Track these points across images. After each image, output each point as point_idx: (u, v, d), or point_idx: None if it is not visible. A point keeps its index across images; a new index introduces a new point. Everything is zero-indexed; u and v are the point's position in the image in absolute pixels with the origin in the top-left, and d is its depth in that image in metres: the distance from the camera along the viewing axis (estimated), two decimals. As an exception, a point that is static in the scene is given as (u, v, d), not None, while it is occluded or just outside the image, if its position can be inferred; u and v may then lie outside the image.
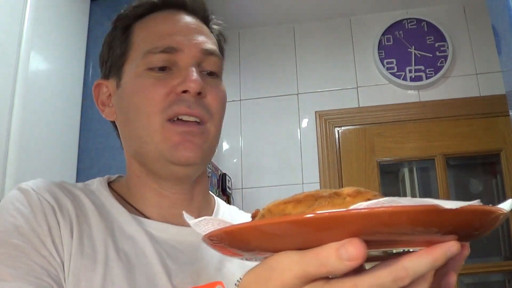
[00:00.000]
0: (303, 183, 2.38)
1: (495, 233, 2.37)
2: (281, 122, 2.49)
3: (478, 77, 2.38)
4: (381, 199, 0.29)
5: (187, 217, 0.38)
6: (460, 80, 2.39)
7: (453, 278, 0.36)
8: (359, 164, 2.36)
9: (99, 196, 0.65)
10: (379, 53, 2.47)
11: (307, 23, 2.60)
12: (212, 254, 0.63)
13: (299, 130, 2.47)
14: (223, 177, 2.20)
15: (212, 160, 2.08)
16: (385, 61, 2.46)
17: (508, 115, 1.25)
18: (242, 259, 0.39)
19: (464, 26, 2.46)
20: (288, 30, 2.62)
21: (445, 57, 2.41)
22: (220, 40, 0.71)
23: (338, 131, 2.43)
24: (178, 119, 0.61)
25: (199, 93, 0.62)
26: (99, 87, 0.70)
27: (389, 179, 2.57)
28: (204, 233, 0.36)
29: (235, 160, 2.49)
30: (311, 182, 2.36)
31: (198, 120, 0.62)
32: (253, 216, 0.38)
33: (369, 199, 0.31)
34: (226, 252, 0.37)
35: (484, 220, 0.31)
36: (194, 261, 0.62)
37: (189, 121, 0.62)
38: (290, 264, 0.31)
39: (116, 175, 0.73)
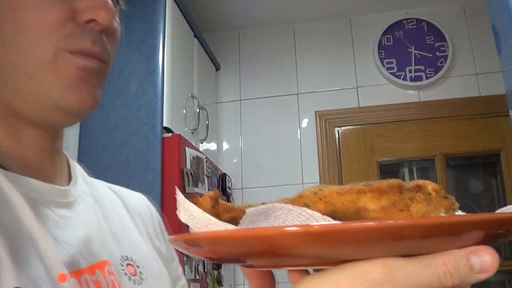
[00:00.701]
0: (303, 183, 2.38)
1: (495, 233, 2.37)
2: (281, 122, 2.49)
3: (478, 77, 2.38)
4: None
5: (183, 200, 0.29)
6: (460, 80, 2.39)
7: None
8: (359, 164, 2.36)
9: None
10: (379, 53, 2.47)
11: (307, 23, 2.60)
12: (88, 223, 0.51)
13: (299, 130, 2.47)
14: (223, 177, 2.20)
15: (212, 160, 2.08)
16: (385, 61, 2.46)
17: (508, 115, 1.25)
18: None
19: (464, 26, 2.46)
20: (288, 30, 2.62)
21: (445, 57, 2.41)
22: None
23: (338, 131, 2.43)
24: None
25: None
26: None
27: (389, 179, 2.57)
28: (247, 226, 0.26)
29: (235, 160, 2.49)
30: (311, 182, 2.36)
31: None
32: (214, 198, 0.30)
33: (445, 197, 0.28)
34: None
35: None
36: (76, 231, 0.49)
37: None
38: (406, 276, 0.24)
39: None
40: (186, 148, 1.75)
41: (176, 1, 1.95)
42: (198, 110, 2.08)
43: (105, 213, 0.56)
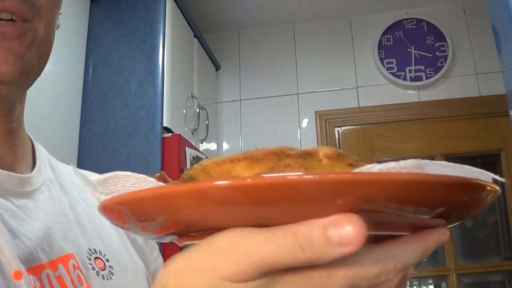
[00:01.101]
0: (303, 183, 2.38)
1: (495, 233, 2.37)
2: (281, 122, 2.49)
3: (478, 77, 2.38)
4: (408, 161, 0.22)
5: (76, 171, 0.27)
6: (460, 80, 2.39)
7: (410, 271, 0.29)
8: (359, 164, 2.36)
9: None
10: (379, 53, 2.47)
11: (307, 23, 2.60)
12: (51, 213, 0.47)
13: (299, 130, 2.47)
14: (223, 177, 2.20)
15: (212, 160, 2.08)
16: (385, 61, 2.46)
17: (508, 115, 1.25)
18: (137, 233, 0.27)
19: (464, 26, 2.46)
20: (288, 30, 2.62)
21: (445, 57, 2.41)
22: None
23: (338, 131, 2.43)
24: None
25: None
26: None
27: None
28: (111, 195, 0.25)
29: (235, 160, 2.48)
30: (311, 182, 2.36)
31: (14, 18, 0.41)
32: (162, 178, 0.28)
33: (350, 165, 0.24)
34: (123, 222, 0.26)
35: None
36: (36, 223, 0.44)
37: (0, 19, 0.40)
38: (250, 247, 0.22)
39: None
40: (186, 148, 1.75)
41: (176, 1, 1.95)
42: (198, 110, 2.08)
43: (72, 202, 0.52)
